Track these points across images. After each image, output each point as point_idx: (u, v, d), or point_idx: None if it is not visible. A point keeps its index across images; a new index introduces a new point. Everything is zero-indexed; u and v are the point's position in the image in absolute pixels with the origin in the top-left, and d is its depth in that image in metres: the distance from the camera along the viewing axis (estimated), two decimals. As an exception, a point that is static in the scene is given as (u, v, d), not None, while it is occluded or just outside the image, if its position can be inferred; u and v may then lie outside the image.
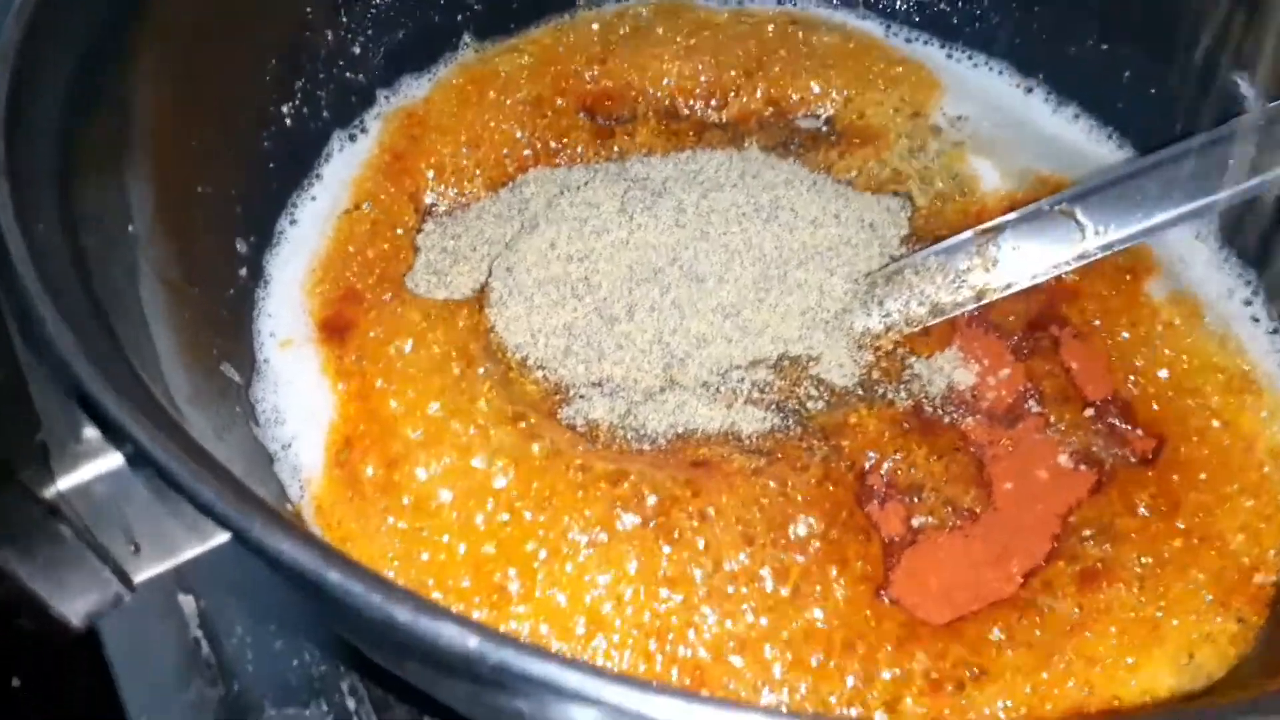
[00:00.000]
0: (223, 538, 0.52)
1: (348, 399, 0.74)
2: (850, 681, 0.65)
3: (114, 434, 0.49)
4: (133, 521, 0.51)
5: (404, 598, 0.41)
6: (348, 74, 0.92)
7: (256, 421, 0.74)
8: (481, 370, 0.77)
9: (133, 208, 0.69)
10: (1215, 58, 0.90)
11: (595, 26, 1.02)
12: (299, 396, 0.76)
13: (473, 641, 0.40)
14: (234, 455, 0.68)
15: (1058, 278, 0.82)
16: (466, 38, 0.99)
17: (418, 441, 0.71)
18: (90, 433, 0.50)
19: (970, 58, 1.05)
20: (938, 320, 0.82)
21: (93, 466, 0.49)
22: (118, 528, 0.51)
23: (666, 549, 0.67)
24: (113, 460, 0.51)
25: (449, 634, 0.40)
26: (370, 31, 0.94)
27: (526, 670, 0.40)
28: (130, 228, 0.68)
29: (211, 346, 0.74)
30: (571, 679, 0.40)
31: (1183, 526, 0.73)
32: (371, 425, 0.73)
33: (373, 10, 0.94)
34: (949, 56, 1.05)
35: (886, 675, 0.64)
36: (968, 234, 0.83)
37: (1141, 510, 0.74)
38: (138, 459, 0.49)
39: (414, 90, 0.96)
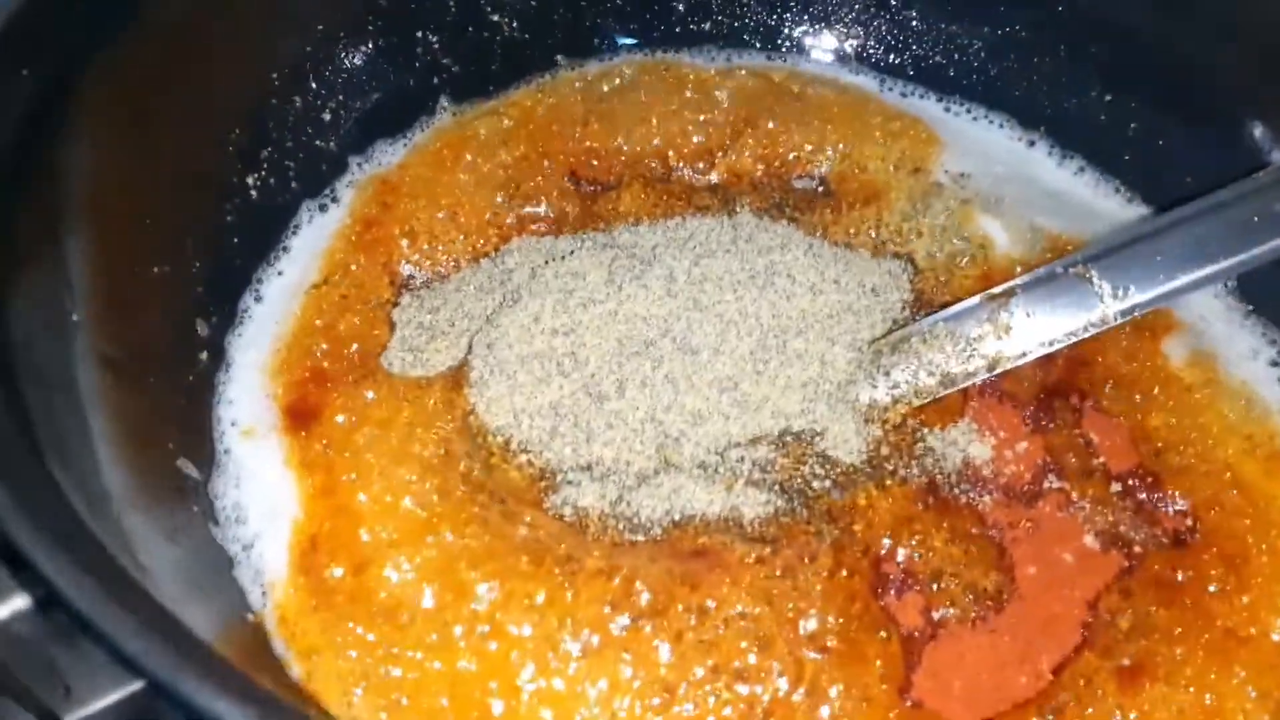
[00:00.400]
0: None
1: (314, 494, 0.69)
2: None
3: (25, 573, 0.43)
4: (61, 659, 0.45)
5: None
6: (317, 141, 0.88)
7: (216, 520, 0.68)
8: (462, 462, 0.71)
9: (74, 289, 0.63)
10: (1228, 106, 0.87)
11: (577, 86, 0.98)
12: (262, 491, 0.70)
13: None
14: (189, 560, 0.62)
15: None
16: (443, 101, 0.95)
17: (389, 542, 0.65)
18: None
19: (969, 111, 1.01)
20: (948, 391, 0.77)
21: (11, 603, 0.43)
22: (45, 670, 0.44)
23: (665, 651, 0.61)
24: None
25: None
26: (341, 96, 0.89)
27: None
28: (73, 315, 0.62)
29: (166, 439, 0.68)
30: None
31: (1218, 619, 0.67)
32: (339, 523, 0.67)
33: (343, 75, 0.89)
34: (947, 110, 1.01)
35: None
36: (977, 299, 0.78)
37: (1176, 599, 0.68)
38: (49, 602, 0.43)
39: (388, 156, 0.91)
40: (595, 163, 0.94)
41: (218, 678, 0.38)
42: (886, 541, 0.70)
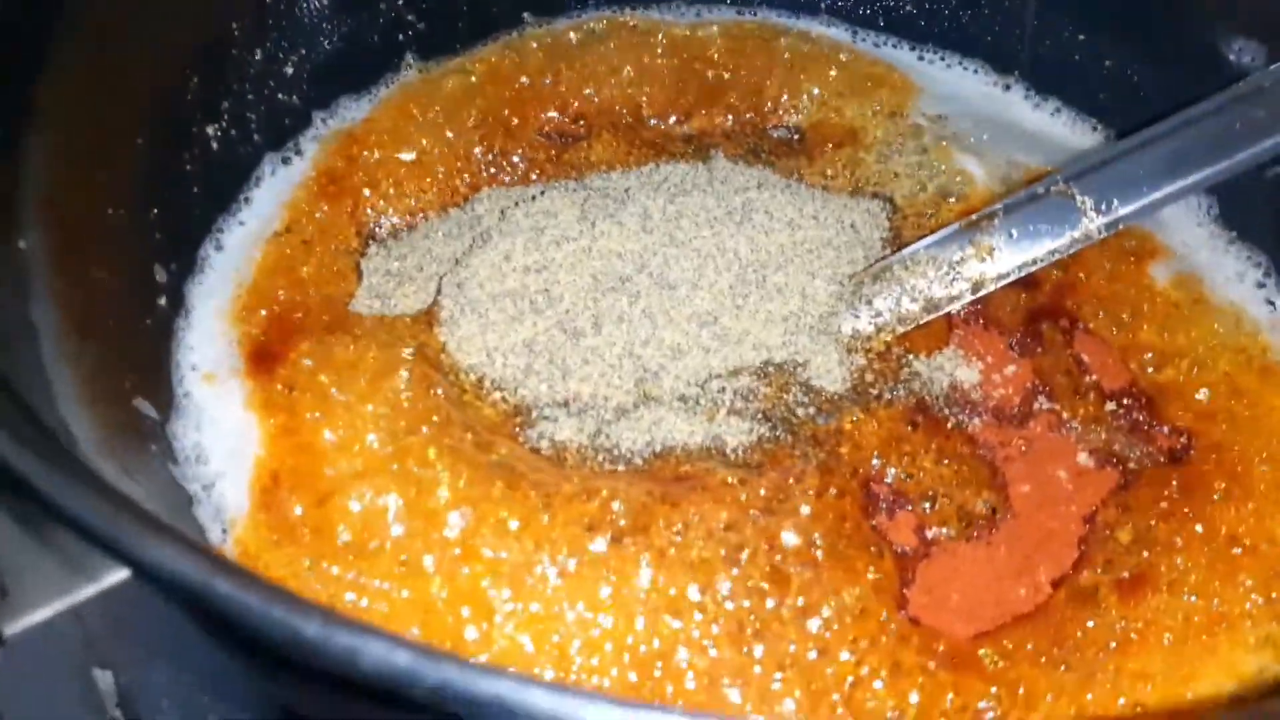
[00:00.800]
0: (112, 578, 0.43)
1: (276, 433, 0.66)
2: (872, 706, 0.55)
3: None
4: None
5: (312, 610, 0.32)
6: (280, 95, 0.86)
7: (175, 460, 0.65)
8: (431, 398, 0.68)
9: (23, 224, 0.61)
10: (1198, 34, 0.86)
11: (546, 42, 0.96)
12: (223, 433, 0.67)
13: (402, 659, 0.31)
14: (147, 496, 0.59)
15: (1059, 266, 0.75)
16: (409, 58, 0.93)
17: (354, 474, 0.62)
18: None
19: (943, 59, 1.00)
20: (932, 316, 0.75)
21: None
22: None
23: (646, 571, 0.59)
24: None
25: (373, 651, 0.32)
26: (303, 51, 0.87)
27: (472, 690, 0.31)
28: (21, 244, 0.60)
29: (123, 380, 0.66)
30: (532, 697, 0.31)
31: (1223, 527, 0.65)
32: (302, 460, 0.64)
33: (306, 28, 0.87)
34: (921, 59, 1.00)
35: (914, 699, 0.55)
36: (958, 225, 0.77)
37: (1176, 511, 0.66)
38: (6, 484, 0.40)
39: (353, 112, 0.90)
40: (565, 116, 0.92)
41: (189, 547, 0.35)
42: (875, 463, 0.67)
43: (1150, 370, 0.73)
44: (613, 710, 0.31)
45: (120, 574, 0.43)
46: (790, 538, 0.61)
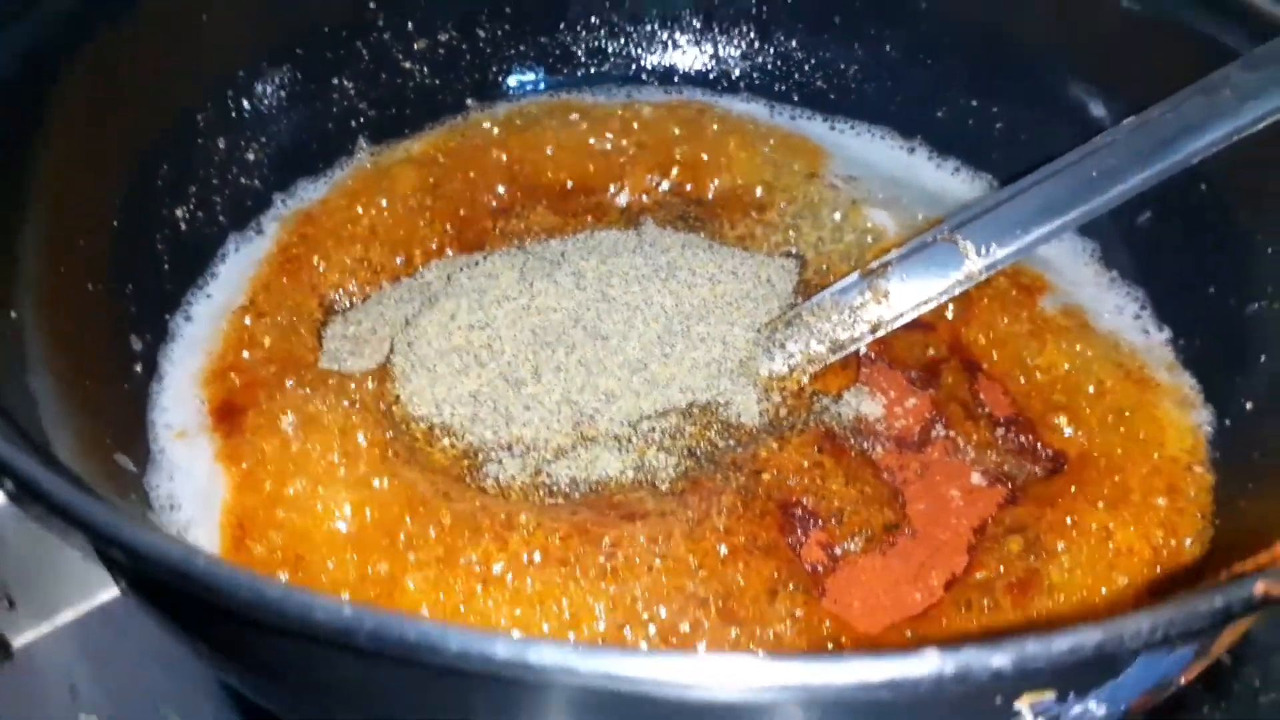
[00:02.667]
0: (110, 592, 0.49)
1: (240, 484, 0.72)
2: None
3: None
4: (8, 575, 0.48)
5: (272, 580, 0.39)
6: (242, 179, 0.93)
7: (151, 507, 0.72)
8: (384, 447, 0.75)
9: (16, 297, 0.68)
10: (1074, 98, 0.96)
11: (486, 125, 1.04)
12: (193, 483, 0.73)
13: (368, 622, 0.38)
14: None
15: (957, 303, 0.84)
16: (362, 142, 1.01)
17: (314, 515, 0.69)
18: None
19: (853, 127, 1.09)
20: (838, 355, 0.83)
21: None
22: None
23: (576, 587, 0.66)
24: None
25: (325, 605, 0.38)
26: (264, 139, 0.95)
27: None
28: (13, 314, 0.67)
29: (104, 437, 0.72)
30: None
31: (1104, 531, 0.73)
32: (266, 508, 0.70)
33: (265, 117, 0.96)
34: (832, 129, 1.09)
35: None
36: (857, 274, 0.85)
37: (1059, 519, 0.74)
38: (18, 491, 0.46)
39: (310, 193, 0.97)
40: (507, 190, 1.01)
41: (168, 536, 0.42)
42: (791, 482, 0.75)
43: (1036, 390, 0.81)
44: (551, 650, 0.38)
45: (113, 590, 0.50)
46: (717, 549, 0.68)
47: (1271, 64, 0.77)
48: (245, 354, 0.82)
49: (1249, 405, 0.78)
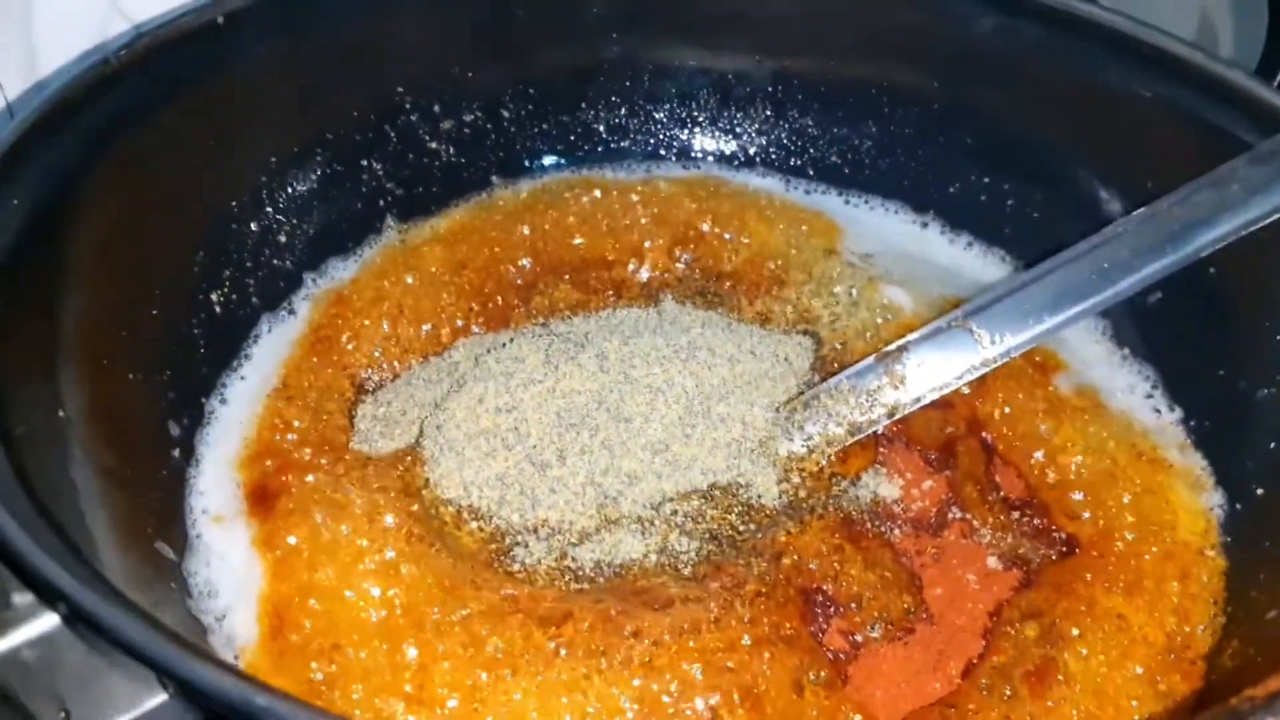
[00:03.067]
0: (158, 699, 0.52)
1: (276, 569, 0.74)
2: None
3: (45, 591, 0.49)
4: (63, 688, 0.50)
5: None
6: (274, 260, 0.96)
7: (190, 595, 0.74)
8: (417, 525, 0.77)
9: (63, 396, 0.71)
10: (1084, 179, 0.98)
11: (511, 202, 1.07)
12: (230, 569, 0.75)
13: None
14: (171, 626, 0.67)
15: (976, 384, 0.86)
16: (389, 220, 1.04)
17: (346, 605, 0.71)
18: (19, 598, 0.51)
19: (866, 201, 1.12)
20: (856, 438, 0.85)
21: (21, 632, 0.49)
22: (47, 695, 0.50)
23: (600, 678, 0.67)
24: (42, 624, 0.51)
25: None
26: (295, 220, 0.98)
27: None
28: (60, 413, 0.70)
29: (146, 525, 0.74)
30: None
31: (1117, 617, 0.75)
32: (302, 594, 0.72)
33: (297, 200, 0.98)
34: (847, 203, 1.12)
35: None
36: (873, 358, 0.87)
37: (1074, 606, 0.75)
38: (72, 615, 0.49)
39: (340, 272, 1.00)
40: (529, 268, 1.03)
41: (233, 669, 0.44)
42: (811, 567, 0.77)
43: (1050, 472, 0.83)
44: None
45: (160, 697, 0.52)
46: (741, 639, 0.70)
47: (1278, 159, 0.79)
48: (278, 437, 0.84)
49: (1259, 491, 0.80)
